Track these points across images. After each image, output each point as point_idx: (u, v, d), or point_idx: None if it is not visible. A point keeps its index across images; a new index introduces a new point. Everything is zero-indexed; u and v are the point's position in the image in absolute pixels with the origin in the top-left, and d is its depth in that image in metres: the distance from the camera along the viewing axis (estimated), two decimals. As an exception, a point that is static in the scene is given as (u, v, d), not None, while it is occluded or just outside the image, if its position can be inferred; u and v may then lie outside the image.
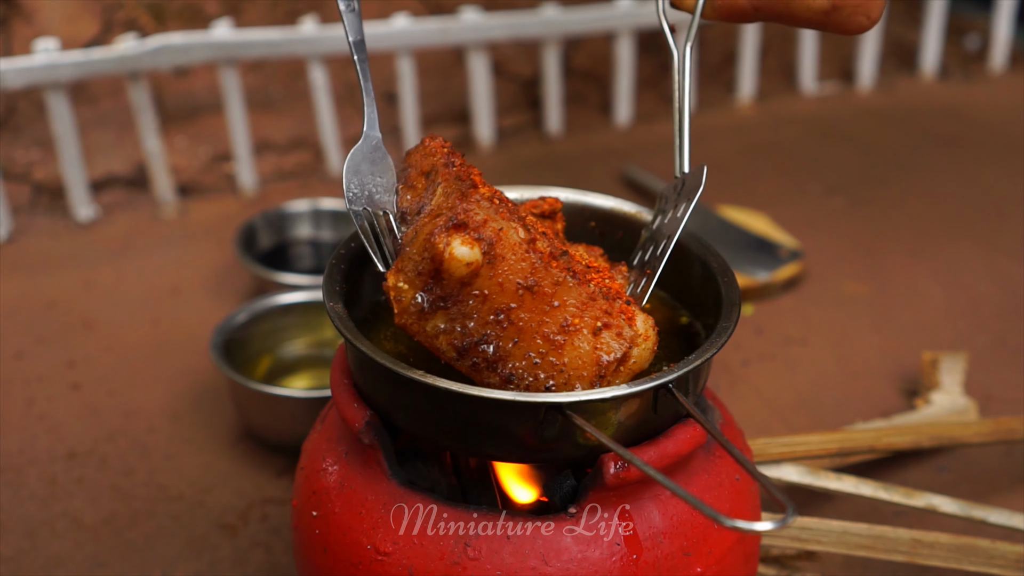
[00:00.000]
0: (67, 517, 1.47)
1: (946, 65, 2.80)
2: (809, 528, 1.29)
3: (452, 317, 0.96)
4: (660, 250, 1.08)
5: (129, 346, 1.81)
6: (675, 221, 1.10)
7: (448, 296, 0.96)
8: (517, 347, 0.95)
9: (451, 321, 0.96)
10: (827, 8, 1.08)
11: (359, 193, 1.06)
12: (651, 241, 1.13)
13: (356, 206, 1.05)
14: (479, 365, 0.96)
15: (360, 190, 1.07)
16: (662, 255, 1.07)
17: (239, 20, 2.41)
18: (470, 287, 0.95)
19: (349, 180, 1.07)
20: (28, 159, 2.25)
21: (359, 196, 1.06)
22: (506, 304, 0.95)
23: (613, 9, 2.38)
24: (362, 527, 1.03)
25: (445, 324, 0.96)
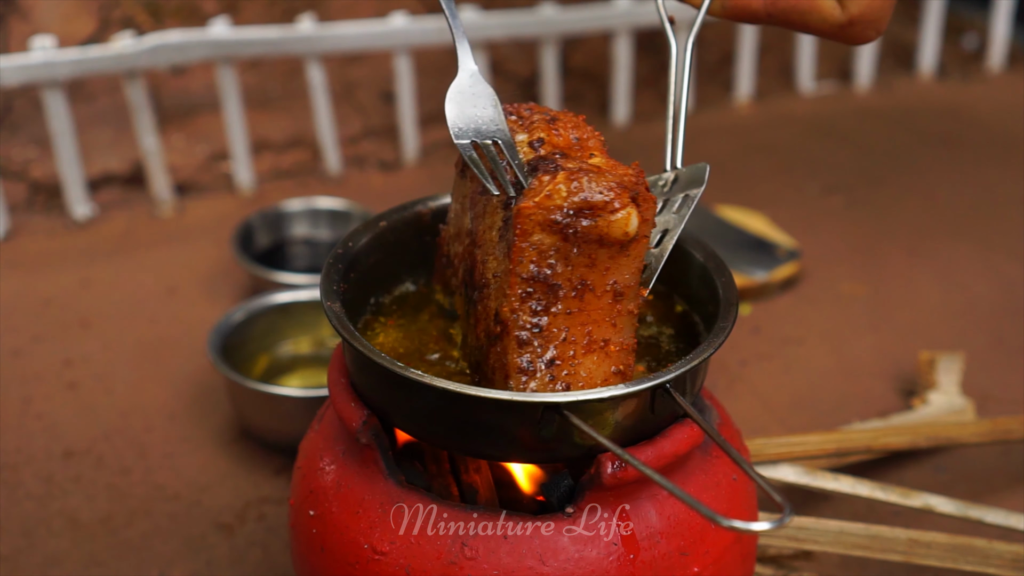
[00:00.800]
0: (64, 516, 1.47)
1: (944, 65, 2.80)
2: (806, 528, 1.29)
3: (549, 258, 0.95)
4: (659, 246, 1.08)
5: (126, 345, 1.80)
6: (675, 219, 1.09)
7: (568, 239, 0.94)
8: (567, 334, 0.96)
9: (545, 259, 0.95)
10: (843, 22, 1.09)
11: (464, 127, 1.03)
12: None
13: (463, 139, 1.02)
14: (512, 330, 0.95)
15: (465, 124, 1.03)
16: (662, 253, 1.07)
17: (236, 18, 2.41)
18: (594, 251, 0.95)
19: (453, 115, 1.03)
20: (25, 157, 2.25)
21: (465, 130, 1.03)
22: (594, 286, 0.96)
23: (611, 8, 2.38)
24: (359, 526, 1.03)
25: (539, 256, 0.95)
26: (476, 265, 1.01)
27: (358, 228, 1.15)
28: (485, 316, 0.99)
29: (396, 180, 2.30)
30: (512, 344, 0.96)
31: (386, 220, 1.17)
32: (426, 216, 1.19)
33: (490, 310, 0.98)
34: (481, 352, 1.00)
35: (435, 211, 1.19)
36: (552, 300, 0.96)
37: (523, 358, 0.96)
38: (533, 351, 0.96)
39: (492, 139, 1.02)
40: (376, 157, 2.37)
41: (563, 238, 0.95)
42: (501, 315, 0.96)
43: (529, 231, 0.94)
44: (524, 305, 0.95)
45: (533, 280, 0.95)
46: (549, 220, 0.94)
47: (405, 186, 2.27)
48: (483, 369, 1.01)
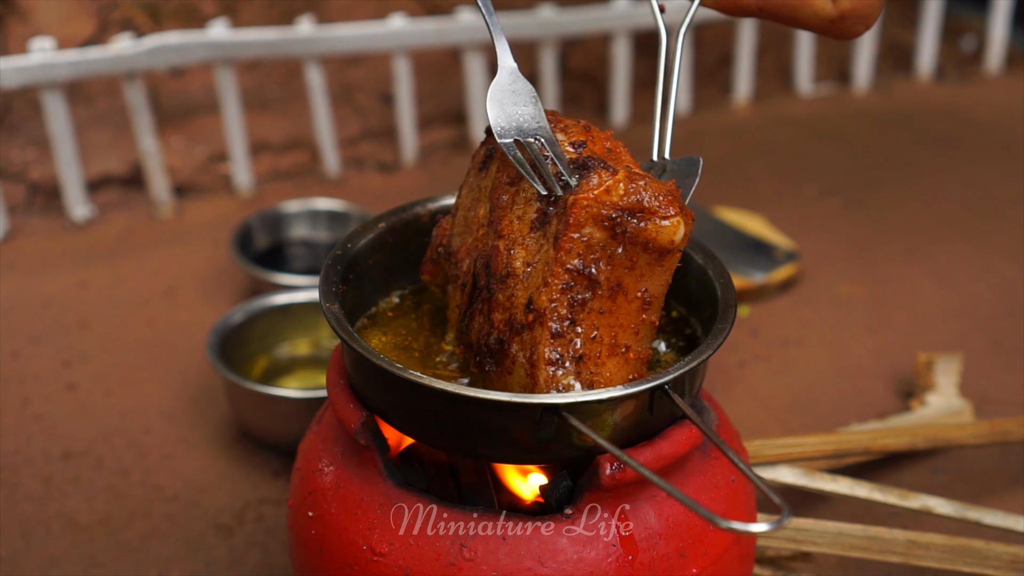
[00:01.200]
0: (63, 517, 1.47)
1: (942, 66, 2.80)
2: (804, 529, 1.30)
3: (594, 253, 0.96)
4: None
5: (125, 346, 1.80)
6: None
7: (616, 237, 0.95)
8: (598, 333, 0.96)
9: (591, 253, 0.95)
10: (834, 17, 1.10)
11: (507, 125, 1.03)
12: None
13: (506, 138, 1.02)
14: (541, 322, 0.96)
15: (508, 122, 1.03)
16: None
17: (235, 20, 2.41)
18: (637, 254, 0.96)
19: (495, 114, 1.03)
20: (24, 158, 2.25)
21: (507, 128, 1.03)
22: (627, 290, 0.97)
23: (610, 10, 2.38)
24: (358, 528, 1.03)
25: (587, 249, 0.96)
26: (497, 255, 1.00)
27: (357, 229, 1.16)
28: (509, 306, 0.98)
29: (395, 181, 2.31)
30: (545, 335, 0.95)
31: (385, 221, 1.17)
32: (425, 217, 1.19)
33: (518, 300, 0.98)
34: (497, 343, 0.99)
35: (434, 212, 1.19)
36: (590, 297, 0.96)
37: (554, 351, 0.95)
38: (564, 345, 0.96)
39: (535, 137, 1.02)
40: (375, 158, 2.37)
41: (611, 235, 0.96)
42: (537, 304, 0.95)
43: (582, 223, 0.95)
44: (563, 296, 0.95)
45: (577, 273, 0.95)
46: (603, 215, 0.95)
47: (404, 187, 2.27)
48: (498, 359, 0.99)
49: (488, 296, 1.00)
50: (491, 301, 0.99)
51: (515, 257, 0.99)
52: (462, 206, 1.09)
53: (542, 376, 0.96)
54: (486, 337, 1.00)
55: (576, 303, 0.96)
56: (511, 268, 0.99)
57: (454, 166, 2.35)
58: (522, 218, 1.00)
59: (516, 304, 0.98)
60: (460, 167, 2.34)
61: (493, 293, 1.00)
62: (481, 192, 1.07)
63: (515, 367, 0.98)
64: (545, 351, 0.95)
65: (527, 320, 0.96)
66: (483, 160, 1.08)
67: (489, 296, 1.00)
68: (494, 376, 1.00)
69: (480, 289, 1.02)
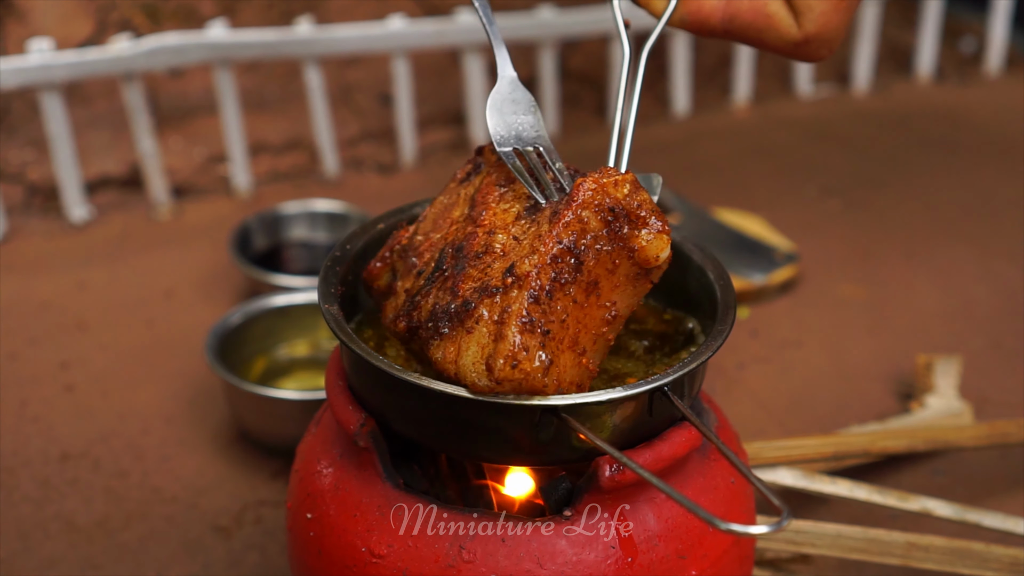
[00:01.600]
0: (60, 519, 1.46)
1: (942, 68, 2.80)
2: (804, 531, 1.29)
3: (585, 239, 0.96)
4: None
5: (123, 347, 1.80)
6: None
7: (609, 235, 0.96)
8: (567, 319, 0.96)
9: (583, 238, 0.96)
10: (798, 40, 1.12)
11: (506, 134, 1.05)
12: None
13: (505, 147, 1.04)
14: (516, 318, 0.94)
15: (507, 131, 1.05)
16: None
17: (234, 21, 2.41)
18: (620, 259, 0.97)
19: (495, 122, 1.05)
20: (22, 159, 2.25)
21: (507, 137, 1.05)
22: (601, 292, 0.97)
23: (609, 11, 2.38)
24: (357, 530, 1.03)
25: (581, 232, 0.96)
26: (475, 239, 1.00)
27: (356, 231, 1.15)
28: (482, 276, 0.97)
29: (394, 183, 2.30)
30: (522, 296, 0.93)
31: (384, 223, 1.17)
32: (424, 219, 1.19)
33: (493, 271, 0.96)
34: (461, 306, 0.96)
35: (433, 214, 1.19)
36: (570, 280, 0.95)
37: (528, 316, 0.93)
38: (538, 313, 0.93)
39: (534, 145, 1.04)
40: (374, 160, 2.37)
41: (605, 228, 0.96)
42: (519, 269, 0.94)
43: (585, 204, 0.96)
44: (548, 268, 0.94)
45: (567, 251, 0.95)
46: (604, 205, 0.96)
47: (403, 188, 2.27)
48: (458, 319, 0.95)
49: (455, 273, 0.98)
50: (459, 276, 0.98)
51: (494, 239, 0.99)
52: (431, 214, 1.09)
53: (508, 334, 0.92)
54: (445, 307, 0.97)
55: (557, 280, 0.95)
56: (489, 247, 0.99)
57: (453, 167, 2.35)
58: (507, 211, 1.01)
59: (491, 274, 0.97)
60: (459, 168, 2.34)
61: (463, 269, 0.98)
62: (459, 198, 1.07)
63: (477, 326, 0.94)
64: (522, 311, 0.93)
65: (504, 283, 0.94)
66: (467, 174, 1.09)
67: (456, 273, 0.98)
68: (444, 340, 0.96)
69: (445, 269, 1.00)
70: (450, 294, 0.97)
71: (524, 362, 0.92)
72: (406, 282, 1.05)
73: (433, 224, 1.07)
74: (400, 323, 1.01)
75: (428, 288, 1.00)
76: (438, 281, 1.00)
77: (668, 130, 2.49)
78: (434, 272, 1.01)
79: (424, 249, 1.05)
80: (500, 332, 0.93)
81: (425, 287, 1.01)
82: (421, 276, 1.03)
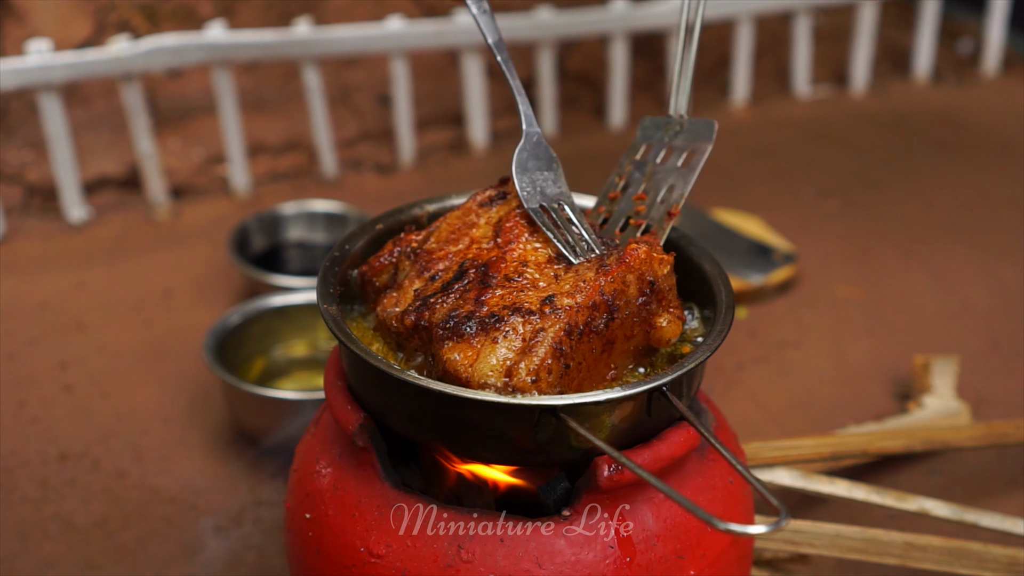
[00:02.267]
0: (59, 519, 1.46)
1: (939, 69, 2.81)
2: (802, 531, 1.29)
3: (621, 299, 1.01)
4: (672, 197, 1.10)
5: (122, 348, 1.80)
6: (680, 174, 1.10)
7: (641, 302, 1.02)
8: (583, 363, 1.00)
9: (620, 297, 1.01)
10: None
11: (531, 191, 1.09)
12: (638, 177, 1.14)
13: (532, 203, 1.08)
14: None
15: (532, 187, 1.09)
16: (669, 208, 1.09)
17: (232, 22, 2.41)
18: (637, 329, 1.03)
19: (520, 180, 1.09)
20: (20, 160, 2.25)
21: (532, 194, 1.09)
22: (612, 352, 1.02)
23: (607, 12, 2.38)
24: (355, 529, 1.03)
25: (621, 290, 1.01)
26: (501, 264, 1.04)
27: (354, 231, 1.15)
28: (515, 299, 1.00)
29: (392, 183, 2.30)
30: (560, 325, 0.97)
31: (382, 223, 1.17)
32: (422, 219, 1.19)
33: (529, 297, 1.00)
34: (490, 316, 0.99)
35: (432, 214, 1.19)
36: (599, 329, 1.00)
37: (561, 345, 0.97)
38: (568, 347, 0.97)
39: (558, 201, 1.09)
40: (372, 160, 2.37)
41: (639, 297, 1.02)
42: (560, 302, 0.99)
43: (632, 268, 1.01)
44: (587, 311, 0.99)
45: (605, 304, 1.00)
46: (646, 277, 1.02)
47: (401, 189, 2.27)
48: (484, 327, 0.98)
49: (482, 288, 1.01)
50: (486, 292, 1.01)
51: (524, 270, 1.03)
52: (446, 226, 1.11)
53: (541, 351, 0.96)
54: (468, 314, 0.99)
55: (589, 325, 0.99)
56: (521, 275, 1.03)
57: (452, 167, 2.35)
58: (537, 251, 1.05)
59: (524, 299, 1.00)
60: (458, 168, 2.34)
61: (490, 287, 1.01)
62: (480, 221, 1.10)
63: (505, 339, 0.97)
64: (557, 336, 0.97)
65: (542, 310, 0.99)
66: (489, 199, 1.12)
67: (483, 288, 1.01)
68: (463, 342, 0.98)
69: (468, 282, 1.03)
70: (474, 304, 1.00)
71: (543, 381, 0.96)
72: (416, 283, 1.06)
73: (448, 237, 1.10)
74: (408, 319, 1.02)
75: (446, 294, 1.02)
76: (458, 291, 1.02)
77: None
78: (453, 281, 1.04)
79: (439, 257, 1.08)
80: (530, 348, 0.97)
81: (442, 292, 1.03)
82: (436, 281, 1.05)
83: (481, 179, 2.28)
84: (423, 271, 1.07)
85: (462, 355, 0.97)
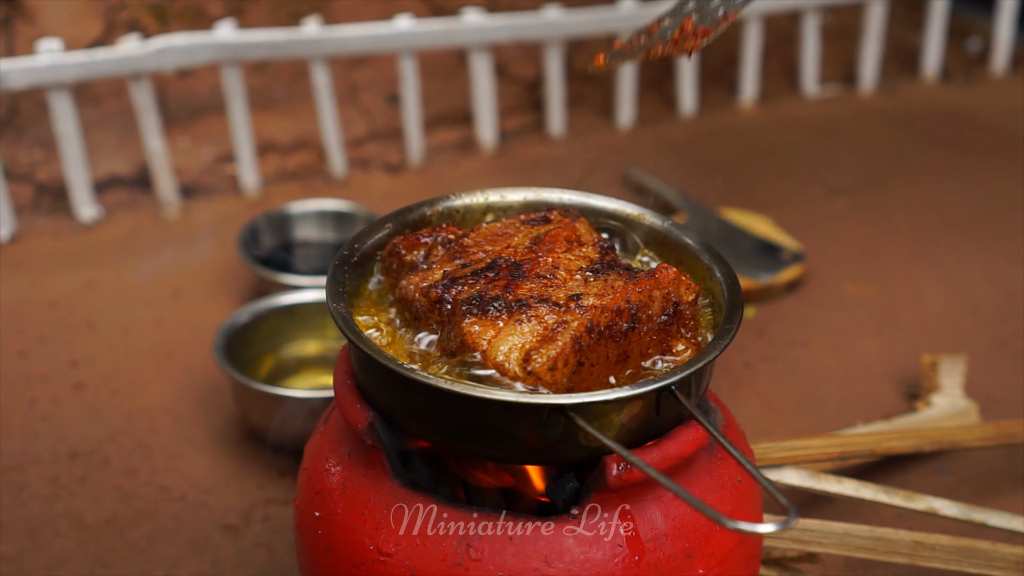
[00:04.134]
0: (69, 517, 1.47)
1: (948, 68, 2.80)
2: (810, 530, 1.30)
3: (644, 312, 1.03)
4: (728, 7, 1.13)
5: (132, 346, 1.81)
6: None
7: (664, 320, 1.05)
8: (596, 365, 1.02)
9: (644, 309, 1.03)
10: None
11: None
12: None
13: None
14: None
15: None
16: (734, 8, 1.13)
17: (242, 21, 2.41)
18: (653, 349, 1.05)
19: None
20: (31, 159, 2.25)
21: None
22: (627, 364, 1.04)
23: (615, 11, 2.38)
24: (364, 528, 1.03)
25: (646, 302, 1.04)
26: (535, 264, 1.06)
27: (364, 230, 1.16)
28: (543, 291, 1.03)
29: (401, 182, 2.31)
30: (583, 321, 0.99)
31: (391, 222, 1.17)
32: (432, 218, 1.19)
33: (557, 292, 1.03)
34: (516, 302, 1.01)
35: (441, 213, 1.20)
36: (615, 338, 1.01)
37: (581, 341, 0.99)
38: (586, 344, 0.99)
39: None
40: (381, 159, 2.37)
41: (661, 315, 1.04)
42: (586, 301, 1.01)
43: (660, 285, 1.04)
44: (610, 314, 1.01)
45: (629, 312, 1.02)
46: (671, 297, 1.04)
47: (410, 188, 2.27)
48: (511, 311, 1.01)
49: (512, 279, 1.04)
50: (515, 282, 1.04)
51: (556, 272, 1.06)
52: (486, 230, 1.14)
53: (562, 341, 0.98)
54: (495, 296, 1.02)
55: (610, 329, 1.01)
56: (552, 275, 1.05)
57: (460, 167, 2.35)
58: (571, 261, 1.08)
59: (552, 293, 1.03)
60: (466, 168, 2.35)
61: (520, 279, 1.04)
62: (521, 233, 1.13)
63: (529, 323, 1.00)
64: (579, 331, 0.98)
65: (568, 304, 1.01)
66: (531, 220, 1.15)
67: (513, 279, 1.04)
68: (485, 319, 1.00)
69: (498, 273, 1.06)
70: (502, 290, 1.03)
71: (559, 371, 0.97)
72: (446, 266, 1.09)
73: (486, 239, 1.13)
74: (433, 292, 1.04)
75: (475, 279, 1.05)
76: (487, 278, 1.05)
77: (675, 130, 2.49)
78: (484, 270, 1.06)
79: (474, 251, 1.10)
80: (552, 336, 0.99)
81: (471, 277, 1.06)
82: (467, 268, 1.08)
83: (489, 178, 2.29)
84: (455, 258, 1.10)
85: (482, 328, 0.99)
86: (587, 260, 1.09)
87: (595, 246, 1.11)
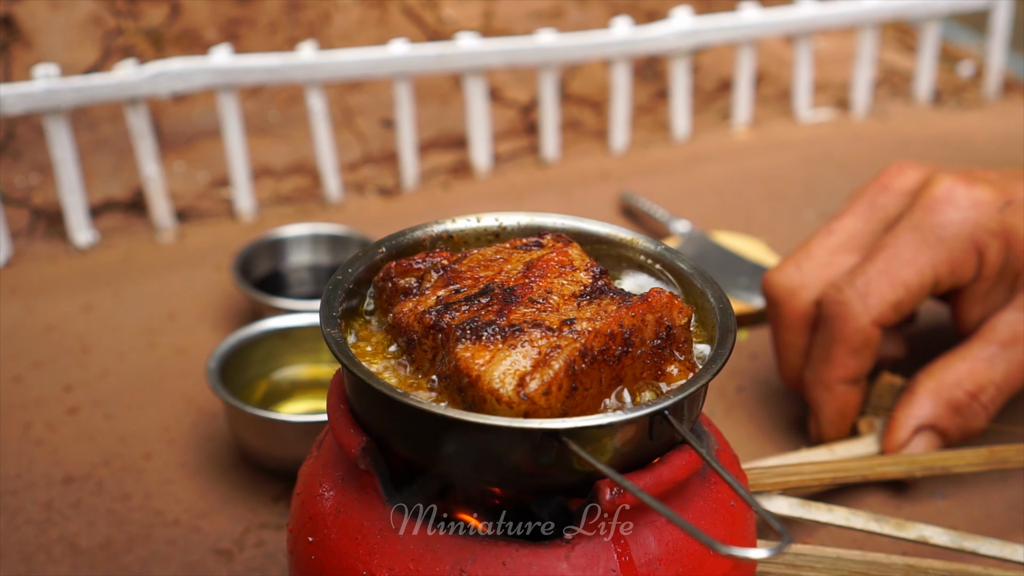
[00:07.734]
0: (64, 542, 1.47)
1: (939, 92, 2.82)
2: (803, 554, 1.30)
3: (637, 336, 1.04)
4: None
5: (126, 370, 1.81)
6: None
7: (656, 344, 1.05)
8: (590, 388, 1.02)
9: (637, 334, 1.04)
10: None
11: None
12: None
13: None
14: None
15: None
16: None
17: (238, 46, 2.42)
18: (647, 373, 1.05)
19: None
20: (27, 184, 2.26)
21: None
22: (617, 387, 1.04)
23: (610, 36, 2.39)
24: (358, 553, 1.03)
25: (639, 327, 1.04)
26: (528, 289, 1.07)
27: (358, 254, 1.16)
28: (535, 316, 1.03)
29: (395, 206, 2.32)
30: (576, 345, 0.99)
31: (385, 246, 1.18)
32: (425, 242, 1.20)
33: (550, 316, 1.03)
34: (509, 327, 1.02)
35: (434, 237, 1.20)
36: (608, 362, 1.01)
37: (574, 365, 0.99)
38: (580, 368, 0.99)
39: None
40: (375, 183, 2.38)
41: (655, 339, 1.04)
42: (579, 325, 1.01)
43: (653, 309, 1.04)
44: (603, 338, 1.01)
45: (622, 337, 1.02)
46: (664, 321, 1.04)
47: (404, 212, 2.28)
48: (505, 336, 1.01)
49: (505, 304, 1.05)
50: (509, 308, 1.04)
51: (549, 297, 1.06)
52: (478, 256, 1.14)
53: (556, 365, 0.98)
54: (488, 321, 1.02)
55: (603, 353, 1.01)
56: (545, 300, 1.06)
57: (455, 190, 2.36)
58: (564, 286, 1.08)
59: (546, 318, 1.03)
60: (460, 191, 2.36)
61: (514, 304, 1.05)
62: (513, 258, 1.13)
63: (522, 348, 1.00)
64: (572, 355, 0.99)
65: (560, 329, 1.01)
66: (524, 245, 1.16)
67: (506, 304, 1.05)
68: (479, 344, 1.00)
69: (491, 299, 1.06)
70: (495, 315, 1.03)
71: (553, 395, 0.97)
72: (440, 291, 1.09)
73: (480, 264, 1.13)
74: (427, 318, 1.05)
75: (469, 304, 1.06)
76: (480, 304, 1.05)
77: (668, 153, 2.50)
78: (478, 295, 1.07)
79: (467, 277, 1.11)
80: (545, 361, 0.99)
81: (465, 302, 1.06)
82: (460, 294, 1.08)
83: (483, 202, 2.29)
84: (448, 283, 1.10)
85: (475, 354, 1.00)
86: (580, 285, 1.09)
87: (588, 271, 1.12)
